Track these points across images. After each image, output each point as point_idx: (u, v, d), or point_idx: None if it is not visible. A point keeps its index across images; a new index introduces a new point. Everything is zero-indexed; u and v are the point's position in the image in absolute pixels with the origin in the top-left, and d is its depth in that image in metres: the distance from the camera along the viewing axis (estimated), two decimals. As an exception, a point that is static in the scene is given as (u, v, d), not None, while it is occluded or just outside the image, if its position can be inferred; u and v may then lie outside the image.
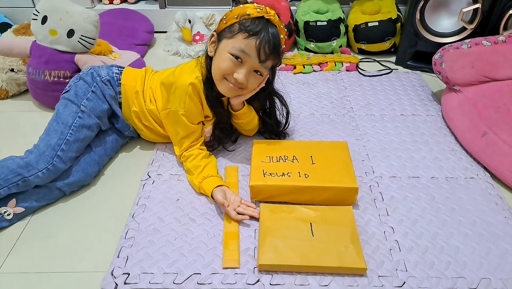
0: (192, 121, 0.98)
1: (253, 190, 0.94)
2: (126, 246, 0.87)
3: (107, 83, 1.03)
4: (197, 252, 0.85)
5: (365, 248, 0.86)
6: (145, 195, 0.99)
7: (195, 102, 0.96)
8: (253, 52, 0.87)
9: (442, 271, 0.82)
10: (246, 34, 0.87)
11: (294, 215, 0.90)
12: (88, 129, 0.99)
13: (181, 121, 0.97)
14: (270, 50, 0.88)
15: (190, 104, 0.95)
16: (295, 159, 0.99)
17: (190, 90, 0.93)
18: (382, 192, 1.00)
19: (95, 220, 0.94)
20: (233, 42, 0.88)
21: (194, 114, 0.97)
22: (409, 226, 0.91)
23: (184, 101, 0.94)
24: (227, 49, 0.89)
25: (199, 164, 0.98)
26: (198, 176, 0.96)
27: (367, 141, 1.17)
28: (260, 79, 0.94)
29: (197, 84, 0.94)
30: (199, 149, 1.01)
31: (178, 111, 0.96)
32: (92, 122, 1.00)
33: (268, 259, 0.81)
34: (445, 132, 1.21)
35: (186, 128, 0.98)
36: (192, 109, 0.96)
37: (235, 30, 0.88)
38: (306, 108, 1.31)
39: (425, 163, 1.09)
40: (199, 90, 0.95)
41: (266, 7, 0.89)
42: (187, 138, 0.99)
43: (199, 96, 0.96)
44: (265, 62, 0.89)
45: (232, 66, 0.90)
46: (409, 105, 1.33)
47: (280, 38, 0.90)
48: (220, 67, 0.91)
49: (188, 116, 0.97)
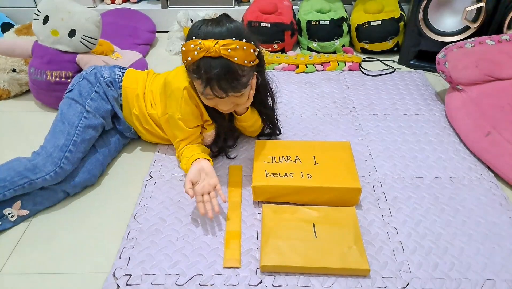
0: (188, 125, 0.96)
1: (256, 190, 0.93)
2: (128, 247, 0.86)
3: (110, 84, 1.02)
4: (199, 252, 0.85)
5: (368, 249, 0.85)
6: (147, 195, 0.99)
7: (191, 106, 0.94)
8: (215, 94, 0.84)
9: (446, 272, 0.81)
10: (199, 81, 0.84)
11: (297, 216, 0.89)
12: (93, 129, 0.99)
13: (178, 125, 0.96)
14: (227, 84, 0.82)
15: (186, 109, 0.94)
16: (297, 159, 0.98)
17: (185, 94, 0.92)
18: (385, 192, 1.00)
19: (97, 220, 0.93)
20: (197, 86, 0.87)
21: (191, 119, 0.96)
22: (413, 227, 0.91)
23: (180, 106, 0.93)
24: (199, 91, 0.88)
25: (185, 153, 0.97)
26: (184, 160, 0.95)
27: (370, 141, 1.16)
28: (247, 94, 0.91)
29: (192, 89, 0.93)
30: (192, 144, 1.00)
31: (175, 116, 0.95)
32: (98, 122, 1.00)
33: (271, 260, 0.80)
34: (448, 132, 1.20)
35: (183, 132, 0.97)
36: (188, 113, 0.95)
37: (192, 76, 0.86)
38: (308, 108, 1.30)
39: (428, 163, 1.08)
40: (194, 94, 0.94)
41: (203, 41, 0.79)
42: (184, 141, 0.99)
43: (195, 100, 0.95)
44: (233, 92, 0.84)
45: (211, 102, 0.90)
46: (412, 105, 1.32)
47: (234, 62, 0.80)
48: (206, 103, 0.92)
49: (185, 120, 0.96)
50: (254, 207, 0.96)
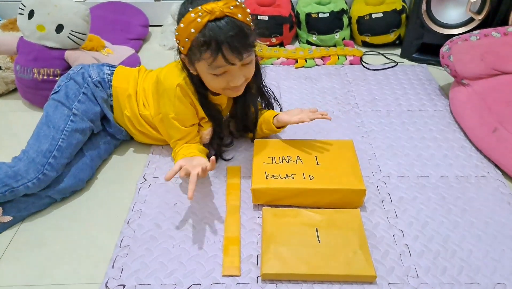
0: (184, 124, 0.92)
1: (255, 193, 0.89)
2: (121, 255, 0.82)
3: (98, 85, 0.97)
4: (197, 260, 0.81)
5: (373, 253, 0.82)
6: (141, 199, 0.94)
7: (185, 104, 0.89)
8: (228, 60, 0.77)
9: (454, 277, 0.78)
10: (209, 52, 0.76)
11: (299, 219, 0.85)
12: (81, 133, 0.94)
13: (173, 125, 0.91)
14: (239, 43, 0.76)
15: (181, 107, 0.89)
16: (298, 160, 0.94)
17: (178, 92, 0.87)
18: (390, 192, 0.96)
19: (88, 227, 0.89)
20: (205, 65, 0.79)
21: (186, 117, 0.91)
22: (419, 229, 0.87)
23: (174, 104, 0.88)
24: (206, 71, 0.81)
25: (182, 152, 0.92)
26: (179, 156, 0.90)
27: (373, 138, 1.12)
28: (253, 63, 0.85)
29: (186, 86, 0.88)
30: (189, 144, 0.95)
31: (168, 115, 0.90)
32: (85, 126, 0.95)
33: (272, 268, 0.76)
34: (453, 128, 1.16)
35: (179, 132, 0.92)
36: (183, 112, 0.90)
37: (197, 54, 0.78)
38: (309, 105, 1.26)
39: (434, 161, 1.04)
40: (188, 92, 0.88)
41: (202, 6, 0.74)
42: (181, 140, 0.94)
43: (189, 98, 0.90)
44: (245, 54, 0.78)
45: (222, 81, 0.83)
46: (416, 100, 1.28)
47: (239, 19, 0.75)
48: (215, 87, 0.85)
49: (180, 120, 0.91)
50: (253, 210, 0.91)
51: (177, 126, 0.91)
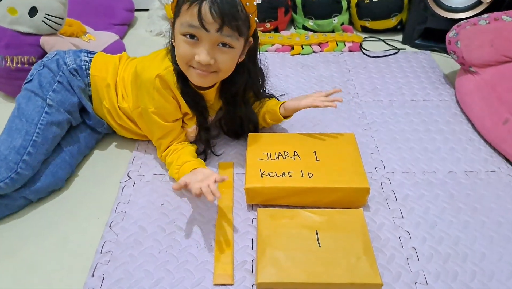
0: (166, 119, 0.83)
1: (249, 192, 0.81)
2: (102, 262, 0.74)
3: (75, 73, 0.88)
4: (186, 267, 0.74)
5: (378, 258, 0.75)
6: (125, 199, 0.86)
7: (166, 97, 0.80)
8: (202, 19, 0.68)
9: (467, 283, 0.72)
10: (187, 3, 0.69)
11: (297, 221, 0.78)
12: (57, 126, 0.85)
13: (154, 120, 0.82)
14: (221, 11, 0.67)
15: (161, 100, 0.80)
16: (296, 155, 0.87)
17: (157, 84, 0.78)
18: (394, 190, 0.89)
19: (66, 231, 0.81)
20: (180, 20, 0.71)
21: (167, 111, 0.82)
22: (427, 230, 0.80)
23: (153, 97, 0.80)
24: (178, 31, 0.73)
25: (173, 158, 0.85)
26: (174, 168, 0.83)
27: (376, 131, 1.05)
28: (233, 54, 0.75)
29: (166, 77, 0.79)
30: (175, 146, 0.87)
31: (148, 109, 0.81)
32: (62, 118, 0.86)
33: (269, 276, 0.69)
34: (460, 119, 1.09)
35: (161, 128, 0.84)
36: (163, 105, 0.81)
37: (179, 4, 0.71)
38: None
39: (440, 155, 0.98)
40: (169, 83, 0.80)
41: None
42: (164, 139, 0.85)
43: (170, 90, 0.81)
44: (223, 29, 0.69)
45: (189, 49, 0.73)
46: (420, 89, 1.20)
47: None
48: (179, 56, 0.76)
49: (160, 114, 0.82)
50: (247, 211, 0.84)
51: (158, 122, 0.82)
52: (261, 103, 0.95)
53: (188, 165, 0.81)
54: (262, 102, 0.95)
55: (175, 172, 0.83)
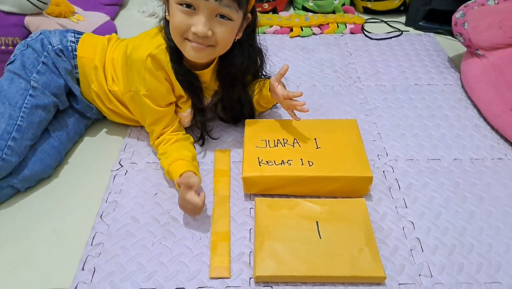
0: (158, 103, 0.78)
1: (247, 182, 0.78)
2: (93, 255, 0.71)
3: (60, 54, 0.82)
4: (180, 260, 0.70)
5: (381, 249, 0.72)
6: (116, 189, 0.83)
7: (158, 78, 0.76)
8: None
9: (473, 275, 0.69)
10: None
11: (297, 212, 0.75)
12: (43, 110, 0.81)
13: (145, 104, 0.78)
14: None
15: (152, 82, 0.76)
16: (296, 143, 0.83)
17: (149, 64, 0.74)
18: (398, 178, 0.85)
19: (54, 222, 0.77)
20: None
21: (159, 94, 0.78)
22: (432, 220, 0.77)
23: (144, 79, 0.75)
24: (174, 1, 0.68)
25: (168, 149, 0.80)
26: (167, 160, 0.79)
27: (378, 117, 1.01)
28: (231, 27, 0.71)
29: (159, 56, 0.74)
30: (169, 135, 0.82)
31: (139, 92, 0.77)
32: (48, 101, 0.81)
33: (267, 269, 0.66)
34: (466, 104, 1.05)
35: (153, 113, 0.79)
36: (155, 88, 0.76)
37: None
38: (306, 79, 1.13)
39: (445, 142, 0.94)
40: (162, 63, 0.75)
41: None
42: (156, 125, 0.81)
43: (163, 71, 0.76)
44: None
45: (185, 19, 0.68)
46: (424, 73, 1.16)
47: None
48: (174, 27, 0.71)
49: (152, 98, 0.77)
50: (245, 200, 0.81)
51: (150, 106, 0.78)
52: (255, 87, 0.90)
53: (181, 163, 0.77)
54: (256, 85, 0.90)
55: (166, 163, 0.79)
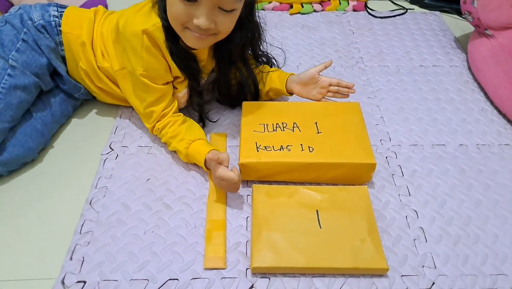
0: (156, 82, 0.74)
1: (244, 168, 0.74)
2: (82, 244, 0.67)
3: (42, 30, 0.77)
4: (174, 249, 0.67)
5: (383, 239, 0.69)
6: (106, 174, 0.78)
7: (156, 57, 0.71)
8: None
9: (478, 267, 0.66)
10: None
11: (296, 200, 0.71)
12: (23, 91, 0.75)
13: (142, 84, 0.73)
14: None
15: (150, 61, 0.71)
16: (296, 127, 0.78)
17: (146, 41, 0.69)
18: (401, 164, 0.82)
19: (42, 209, 0.73)
20: None
21: (157, 73, 0.73)
22: (436, 209, 0.74)
23: (141, 57, 0.70)
24: None
25: (179, 130, 0.76)
26: (182, 141, 0.75)
27: (381, 100, 0.96)
28: (234, 16, 0.68)
29: (154, 34, 0.69)
30: (173, 117, 0.78)
31: (135, 71, 0.72)
32: (28, 81, 0.76)
33: (264, 261, 0.63)
34: (472, 87, 1.01)
35: (152, 92, 0.74)
36: (153, 66, 0.72)
37: None
38: (306, 59, 1.08)
39: (451, 127, 0.90)
40: (158, 41, 0.70)
41: None
42: (156, 105, 0.76)
43: (159, 49, 0.72)
44: None
45: (186, 10, 0.64)
46: (429, 54, 1.11)
47: None
48: (173, 16, 0.67)
49: (150, 77, 0.73)
50: (242, 187, 0.76)
51: (148, 85, 0.73)
52: (260, 71, 0.86)
53: (202, 143, 0.74)
54: (261, 70, 0.86)
55: (183, 146, 0.74)
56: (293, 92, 0.85)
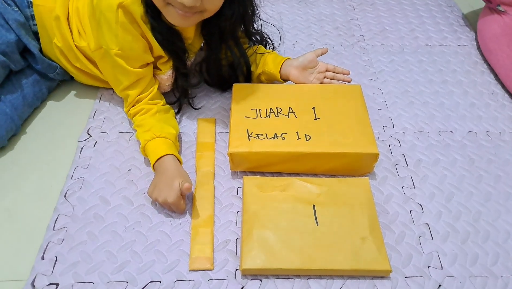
0: (132, 64, 0.66)
1: (234, 158, 0.67)
2: (55, 242, 0.61)
3: (10, 2, 0.69)
4: (156, 248, 0.61)
5: (386, 236, 0.64)
6: (83, 163, 0.72)
7: (133, 34, 0.63)
8: None
9: (488, 268, 0.61)
10: None
11: (291, 193, 0.65)
12: None
13: (118, 65, 0.66)
14: None
15: (126, 39, 0.63)
16: (291, 112, 0.71)
17: (121, 16, 0.61)
18: (405, 153, 0.76)
19: (11, 202, 0.67)
20: None
21: (134, 53, 0.65)
22: (443, 203, 0.69)
23: (116, 35, 0.63)
24: None
25: (148, 120, 0.69)
26: (146, 133, 0.67)
27: (384, 82, 0.90)
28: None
29: (131, 7, 0.61)
30: (148, 104, 0.70)
31: (110, 50, 0.64)
32: None
33: (255, 262, 0.57)
34: (482, 68, 0.94)
35: (128, 75, 0.67)
36: (130, 46, 0.64)
37: None
38: (303, 37, 1.00)
39: (459, 112, 0.84)
40: (135, 17, 0.62)
41: None
42: (131, 89, 0.69)
43: (137, 25, 0.64)
44: None
45: None
46: (436, 32, 1.04)
47: None
48: None
49: (126, 57, 0.65)
50: (232, 178, 0.71)
51: (124, 67, 0.66)
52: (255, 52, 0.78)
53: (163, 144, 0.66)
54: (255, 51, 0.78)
55: (143, 138, 0.67)
56: (289, 78, 0.77)
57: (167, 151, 0.65)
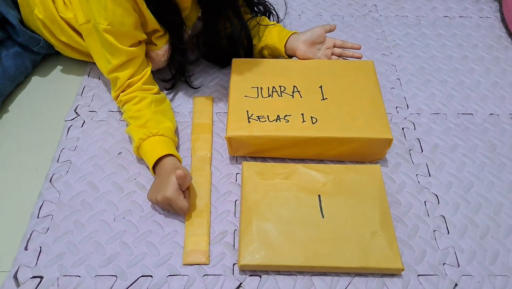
0: (122, 42, 0.59)
1: (232, 142, 0.61)
2: (39, 231, 0.58)
3: None
4: (148, 240, 0.57)
5: (397, 230, 0.59)
6: (70, 145, 0.67)
7: (124, 7, 0.57)
8: None
9: (510, 266, 0.57)
10: None
11: (294, 182, 0.59)
12: None
13: (107, 42, 0.59)
14: None
15: (116, 12, 0.57)
16: (296, 92, 0.65)
17: None
18: (420, 137, 0.70)
19: (-8, 187, 0.63)
20: None
21: (125, 29, 0.59)
22: (461, 194, 0.64)
23: (105, 8, 0.56)
24: None
25: (144, 112, 0.62)
26: (141, 129, 0.60)
27: (398, 57, 0.84)
28: None
29: None
30: (141, 91, 0.63)
31: (99, 25, 0.58)
32: None
33: (254, 257, 0.53)
34: (506, 43, 0.88)
35: (118, 54, 0.60)
36: (120, 20, 0.58)
37: None
38: (309, 6, 0.93)
39: (480, 92, 0.78)
40: None
41: None
42: (121, 71, 0.62)
43: None
44: None
45: None
46: (455, 3, 0.97)
47: None
48: None
49: (115, 34, 0.58)
50: (230, 163, 0.66)
51: (112, 44, 0.59)
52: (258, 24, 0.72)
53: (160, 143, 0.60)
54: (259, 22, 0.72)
55: (137, 136, 0.60)
56: (295, 54, 0.71)
57: (166, 151, 0.59)
